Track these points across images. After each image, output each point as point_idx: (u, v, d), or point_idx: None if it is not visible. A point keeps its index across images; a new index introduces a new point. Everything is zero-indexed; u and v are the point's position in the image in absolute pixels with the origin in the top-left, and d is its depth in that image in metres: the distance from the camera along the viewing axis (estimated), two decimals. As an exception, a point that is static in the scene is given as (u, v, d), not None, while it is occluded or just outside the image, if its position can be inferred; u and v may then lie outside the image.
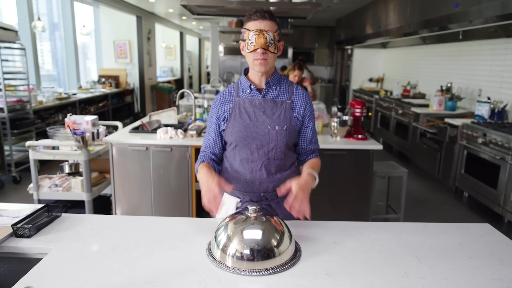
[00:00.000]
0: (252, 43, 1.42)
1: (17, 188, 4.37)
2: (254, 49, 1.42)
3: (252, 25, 1.43)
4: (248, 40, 1.43)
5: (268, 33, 1.41)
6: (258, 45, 1.41)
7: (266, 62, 1.45)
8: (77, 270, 1.15)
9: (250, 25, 1.44)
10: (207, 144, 1.61)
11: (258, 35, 1.41)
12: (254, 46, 1.42)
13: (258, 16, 1.42)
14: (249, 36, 1.43)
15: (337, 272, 1.16)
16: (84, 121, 3.28)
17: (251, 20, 1.44)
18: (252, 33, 1.42)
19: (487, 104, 4.31)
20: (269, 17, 1.43)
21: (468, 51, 5.23)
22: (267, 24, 1.42)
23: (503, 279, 1.14)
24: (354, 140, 3.12)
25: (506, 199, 3.55)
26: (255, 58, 1.44)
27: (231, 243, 1.20)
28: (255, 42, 1.41)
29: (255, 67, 1.47)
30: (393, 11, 6.06)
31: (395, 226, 1.52)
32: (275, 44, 1.45)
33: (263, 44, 1.41)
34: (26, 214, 1.44)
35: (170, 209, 3.13)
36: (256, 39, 1.41)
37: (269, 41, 1.42)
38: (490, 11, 3.63)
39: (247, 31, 1.44)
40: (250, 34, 1.42)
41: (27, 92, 4.71)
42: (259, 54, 1.42)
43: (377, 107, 7.28)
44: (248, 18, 1.45)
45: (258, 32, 1.41)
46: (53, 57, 7.42)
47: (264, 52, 1.42)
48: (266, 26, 1.42)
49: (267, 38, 1.41)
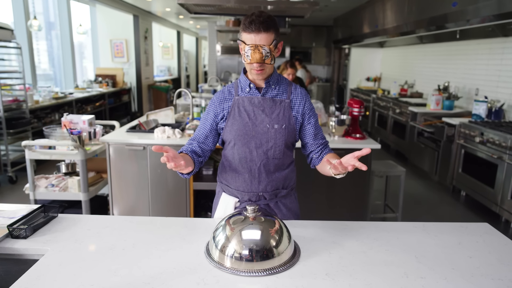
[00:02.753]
0: (248, 57, 1.40)
1: (13, 188, 4.34)
2: (250, 62, 1.41)
3: (248, 39, 1.39)
4: (244, 52, 1.41)
5: (264, 47, 1.38)
6: (254, 60, 1.40)
7: (263, 72, 1.45)
8: (74, 271, 1.13)
9: (245, 38, 1.40)
10: (197, 137, 1.56)
11: (254, 50, 1.38)
12: (250, 60, 1.40)
13: (253, 29, 1.37)
14: (245, 49, 1.40)
15: (336, 273, 1.16)
16: (80, 120, 3.26)
17: (247, 32, 1.39)
18: (247, 47, 1.39)
19: (484, 103, 4.32)
20: (265, 29, 1.37)
21: (465, 50, 5.24)
22: (262, 37, 1.38)
23: (503, 279, 1.14)
24: (352, 140, 3.11)
25: (503, 198, 3.56)
26: (252, 69, 1.45)
27: (229, 243, 1.19)
28: (251, 57, 1.39)
29: (253, 75, 1.48)
30: (390, 10, 6.06)
31: (394, 225, 1.51)
32: (272, 55, 1.42)
33: (258, 59, 1.39)
34: (22, 214, 1.43)
35: (168, 209, 3.12)
36: (252, 54, 1.39)
37: (264, 55, 1.39)
38: (487, 10, 3.63)
39: (242, 43, 1.41)
40: (245, 48, 1.40)
41: (23, 92, 4.67)
42: (256, 66, 1.42)
43: (375, 106, 7.28)
44: (244, 28, 1.40)
45: (254, 47, 1.38)
46: (49, 56, 7.38)
47: (260, 65, 1.42)
48: (262, 40, 1.38)
49: (262, 53, 1.39)
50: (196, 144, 1.55)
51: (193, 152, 1.52)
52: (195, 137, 1.57)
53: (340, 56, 10.52)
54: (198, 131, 1.58)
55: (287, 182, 1.59)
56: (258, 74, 1.45)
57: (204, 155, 1.56)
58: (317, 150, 1.58)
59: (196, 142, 1.56)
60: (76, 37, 7.65)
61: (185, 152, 1.49)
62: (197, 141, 1.56)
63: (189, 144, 1.56)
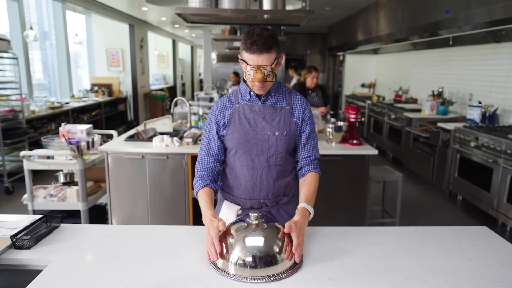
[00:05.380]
0: (250, 76, 1.41)
1: (10, 199, 4.31)
2: (252, 81, 1.43)
3: (250, 59, 1.39)
4: (245, 71, 1.42)
5: (266, 68, 1.39)
6: (256, 80, 1.40)
7: (265, 88, 1.48)
8: (79, 281, 1.14)
9: (247, 57, 1.40)
10: (209, 151, 1.55)
11: (256, 70, 1.39)
12: (252, 79, 1.41)
13: (255, 50, 1.36)
14: (247, 68, 1.41)
15: (339, 278, 1.17)
16: (78, 130, 3.26)
17: (248, 53, 1.38)
18: (249, 67, 1.40)
19: (478, 108, 4.38)
20: (267, 50, 1.37)
21: (458, 56, 5.31)
22: (264, 58, 1.38)
23: (503, 281, 1.16)
24: (350, 146, 3.14)
25: (499, 201, 3.59)
26: (253, 85, 1.47)
27: (233, 250, 1.20)
28: (252, 76, 1.40)
29: (254, 90, 1.51)
30: (384, 18, 6.15)
31: (394, 230, 1.53)
32: (273, 73, 1.42)
33: (260, 79, 1.40)
34: (25, 225, 1.43)
35: (167, 217, 3.11)
36: (254, 74, 1.39)
37: (266, 74, 1.40)
38: (479, 17, 3.70)
39: (244, 63, 1.41)
40: (248, 68, 1.40)
41: (19, 102, 4.67)
42: (258, 85, 1.44)
43: (370, 112, 7.34)
44: (245, 48, 1.39)
45: (256, 67, 1.39)
46: (43, 66, 7.37)
47: (262, 83, 1.43)
48: (264, 61, 1.38)
49: (264, 73, 1.39)
50: (213, 160, 1.55)
51: (214, 176, 1.54)
52: (208, 152, 1.55)
53: (335, 63, 10.61)
54: (207, 144, 1.56)
55: (288, 189, 1.60)
56: (259, 90, 1.48)
57: (220, 168, 1.59)
58: (300, 163, 1.58)
59: (212, 157, 1.55)
60: (72, 46, 7.66)
61: (209, 186, 1.50)
62: (213, 157, 1.55)
63: (206, 163, 1.54)
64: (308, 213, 1.40)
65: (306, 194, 1.47)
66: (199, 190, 1.49)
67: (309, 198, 1.46)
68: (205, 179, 1.51)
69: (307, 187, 1.50)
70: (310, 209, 1.41)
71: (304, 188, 1.50)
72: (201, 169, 1.54)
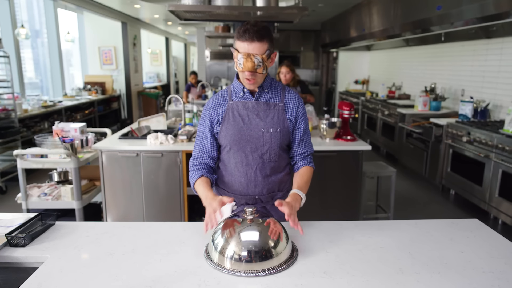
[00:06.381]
0: (240, 65, 1.42)
1: (3, 198, 4.28)
2: (242, 71, 1.43)
3: (241, 47, 1.41)
4: (237, 60, 1.43)
5: (256, 57, 1.40)
6: (246, 69, 1.41)
7: (255, 81, 1.47)
8: (75, 277, 1.14)
9: (239, 46, 1.42)
10: (204, 148, 1.58)
11: (246, 58, 1.40)
12: (242, 68, 1.42)
13: (246, 37, 1.38)
14: (238, 57, 1.42)
15: (334, 271, 1.18)
16: (72, 128, 3.24)
17: (240, 41, 1.40)
18: (240, 55, 1.41)
19: (470, 104, 4.42)
20: (258, 39, 1.39)
21: (450, 52, 5.36)
22: (255, 46, 1.39)
23: (494, 272, 1.19)
24: (343, 142, 3.16)
25: (491, 195, 3.64)
26: (244, 77, 1.47)
27: (228, 245, 1.21)
28: (243, 65, 1.41)
29: (245, 84, 1.51)
30: (377, 14, 6.17)
31: (388, 224, 1.55)
32: (264, 65, 1.43)
33: (250, 68, 1.40)
34: (20, 223, 1.43)
35: (162, 214, 3.12)
36: (244, 62, 1.40)
37: (257, 64, 1.41)
38: (470, 13, 3.73)
39: (235, 51, 1.43)
40: (238, 56, 1.42)
41: (11, 101, 4.62)
42: (247, 75, 1.44)
43: (364, 108, 7.38)
44: (238, 37, 1.41)
45: (246, 56, 1.40)
46: (35, 64, 7.30)
47: (252, 74, 1.44)
48: (255, 49, 1.40)
49: (255, 62, 1.40)
50: (207, 156, 1.57)
51: (210, 171, 1.57)
52: (203, 149, 1.57)
53: (328, 59, 10.64)
54: (201, 141, 1.58)
55: (283, 185, 1.62)
56: (249, 84, 1.48)
57: (215, 165, 1.61)
58: (295, 159, 1.62)
59: (206, 154, 1.57)
60: (64, 44, 7.60)
61: (205, 176, 1.53)
62: (207, 154, 1.57)
63: (200, 159, 1.57)
64: (299, 198, 1.44)
65: (298, 183, 1.52)
66: (197, 180, 1.52)
67: (301, 186, 1.50)
68: (201, 170, 1.55)
69: (300, 177, 1.55)
70: (302, 194, 1.45)
71: (297, 178, 1.55)
72: (195, 164, 1.57)
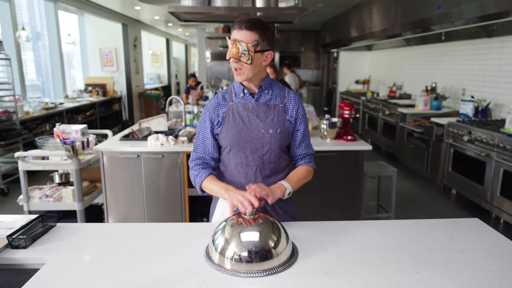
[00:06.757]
0: (228, 52, 1.46)
1: (4, 200, 4.29)
2: (228, 58, 1.46)
3: (232, 34, 1.46)
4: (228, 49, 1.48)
5: (241, 43, 1.41)
6: (230, 55, 1.44)
7: (241, 72, 1.47)
8: (76, 278, 1.15)
9: (232, 34, 1.47)
10: (205, 150, 1.58)
11: (232, 44, 1.43)
12: (228, 54, 1.45)
13: (237, 26, 1.44)
14: (228, 46, 1.46)
15: (334, 271, 1.18)
16: (73, 130, 3.25)
17: (233, 29, 1.47)
18: (229, 42, 1.45)
19: (471, 103, 4.42)
20: (247, 27, 1.42)
21: (450, 51, 5.35)
22: (243, 34, 1.42)
23: (494, 271, 1.18)
24: (344, 142, 3.16)
25: (493, 194, 3.63)
26: (232, 67, 1.49)
27: (229, 246, 1.21)
28: (229, 51, 1.44)
29: (235, 76, 1.52)
30: (377, 14, 6.17)
31: (388, 223, 1.55)
32: (250, 55, 1.42)
33: (234, 54, 1.42)
34: (21, 225, 1.43)
35: (163, 216, 3.12)
36: (230, 49, 1.43)
37: (241, 51, 1.41)
38: (470, 12, 3.73)
39: (228, 40, 1.47)
40: (228, 43, 1.46)
41: (13, 103, 4.64)
42: (231, 61, 1.46)
43: (364, 108, 7.37)
44: (233, 27, 1.48)
45: (233, 41, 1.43)
46: (36, 66, 7.32)
47: (236, 61, 1.44)
48: (241, 37, 1.42)
49: (239, 48, 1.42)
50: (209, 157, 1.58)
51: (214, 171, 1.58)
52: (205, 151, 1.58)
53: (329, 59, 10.64)
54: (202, 142, 1.58)
55: (283, 186, 1.62)
56: (236, 74, 1.49)
57: (216, 166, 1.63)
58: (296, 160, 1.65)
59: (208, 155, 1.58)
60: (64, 46, 7.62)
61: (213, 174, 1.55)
62: (209, 155, 1.58)
63: (203, 159, 1.58)
64: (283, 187, 1.47)
65: (289, 176, 1.55)
66: (206, 177, 1.53)
67: (290, 179, 1.53)
68: (207, 169, 1.56)
69: (294, 172, 1.58)
70: (287, 185, 1.48)
71: (291, 173, 1.58)
72: (199, 163, 1.58)
